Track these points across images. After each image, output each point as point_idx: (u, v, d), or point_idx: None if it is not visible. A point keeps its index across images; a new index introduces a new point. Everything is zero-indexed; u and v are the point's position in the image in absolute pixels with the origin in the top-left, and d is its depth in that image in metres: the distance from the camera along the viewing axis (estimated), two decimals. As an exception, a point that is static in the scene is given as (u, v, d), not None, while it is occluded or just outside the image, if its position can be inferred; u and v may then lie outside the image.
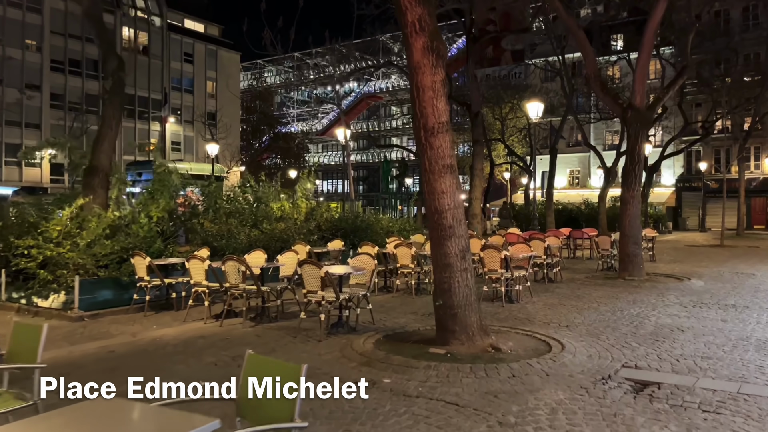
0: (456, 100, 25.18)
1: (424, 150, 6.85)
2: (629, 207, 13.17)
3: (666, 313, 9.32)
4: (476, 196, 22.12)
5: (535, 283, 12.84)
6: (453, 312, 6.90)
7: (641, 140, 13.05)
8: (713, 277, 13.62)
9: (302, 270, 7.85)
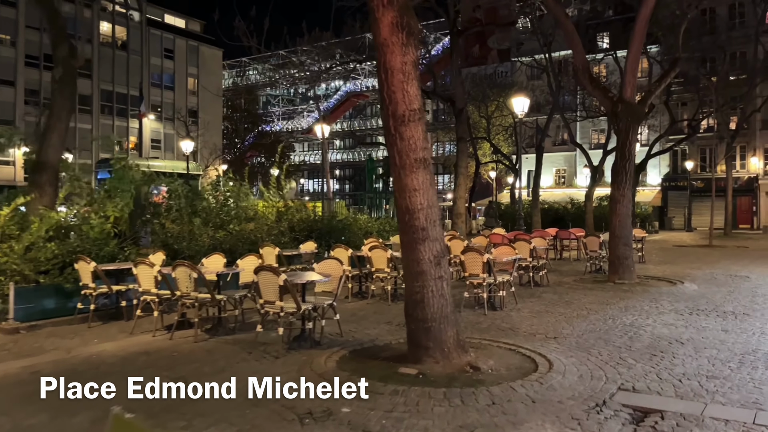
0: (440, 97, 24.36)
1: (393, 141, 5.98)
2: (619, 206, 12.40)
3: (661, 321, 8.53)
4: (461, 195, 21.30)
5: (520, 287, 12.03)
6: (426, 326, 6.04)
7: (632, 136, 12.29)
8: (707, 280, 12.89)
9: (258, 277, 6.95)
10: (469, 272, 9.41)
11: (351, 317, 9.13)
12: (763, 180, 42.18)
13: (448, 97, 22.61)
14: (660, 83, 12.81)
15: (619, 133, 12.53)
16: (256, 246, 11.76)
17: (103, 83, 44.06)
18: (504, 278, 9.57)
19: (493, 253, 10.40)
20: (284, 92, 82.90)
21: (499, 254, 10.18)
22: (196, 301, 7.63)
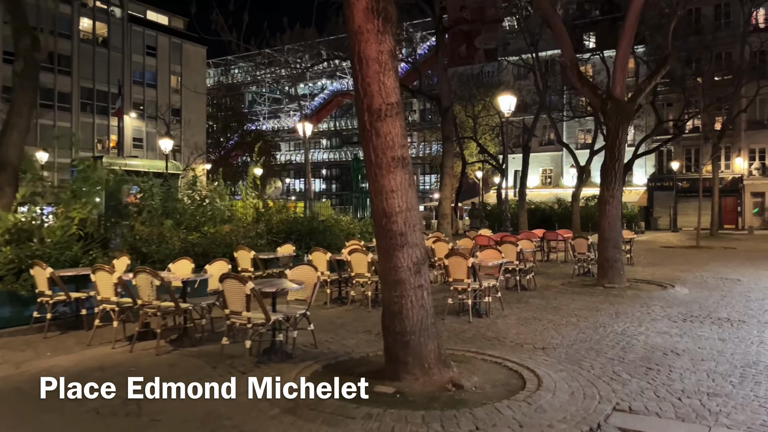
0: (426, 95, 23.88)
1: (369, 138, 5.45)
2: (609, 207, 11.97)
3: (655, 329, 8.08)
4: (447, 196, 20.86)
5: (507, 291, 11.58)
6: (405, 339, 5.53)
7: (621, 135, 11.87)
8: (697, 284, 12.51)
9: (224, 286, 6.39)
10: (453, 277, 8.91)
11: (328, 325, 8.60)
12: (747, 180, 42.23)
13: (434, 96, 22.13)
14: (650, 81, 12.41)
15: (608, 132, 12.10)
16: (232, 249, 11.20)
17: (83, 81, 43.11)
18: (490, 283, 9.09)
19: (478, 257, 9.93)
20: (270, 91, 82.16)
21: (484, 258, 9.70)
22: (158, 310, 7.05)
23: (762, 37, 34.00)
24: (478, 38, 57.30)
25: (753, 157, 42.36)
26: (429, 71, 46.83)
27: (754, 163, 42.28)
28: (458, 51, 61.05)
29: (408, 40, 33.23)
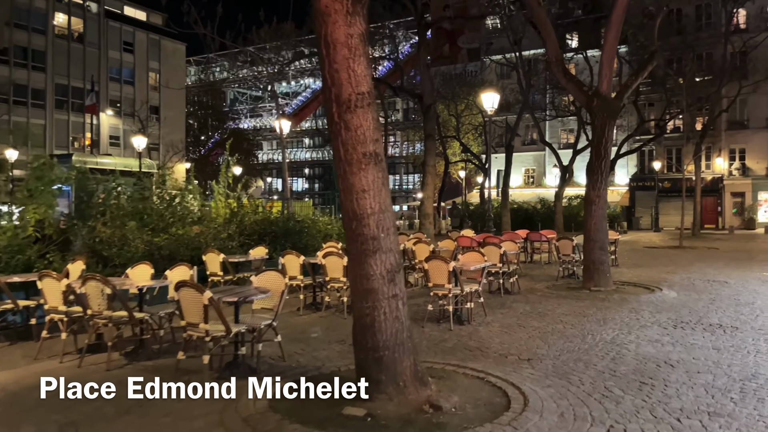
0: (408, 93, 23.36)
1: (337, 131, 4.89)
2: (595, 208, 11.53)
3: (645, 337, 7.62)
4: (429, 195, 20.35)
5: (490, 295, 11.08)
6: (378, 355, 4.98)
7: (608, 132, 11.43)
8: (685, 287, 12.12)
9: (179, 295, 5.79)
10: (433, 282, 8.38)
11: (300, 335, 8.03)
12: (728, 180, 42.34)
13: (416, 94, 21.62)
14: (636, 77, 12.01)
15: (594, 129, 11.67)
16: (201, 252, 10.57)
17: (58, 77, 41.93)
18: (472, 288, 8.58)
19: (459, 260, 9.42)
20: (252, 89, 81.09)
21: (466, 261, 9.19)
22: (109, 320, 6.42)
23: (744, 38, 34.00)
24: (462, 38, 57.01)
25: (733, 157, 42.49)
26: (412, 71, 46.38)
27: (734, 164, 42.42)
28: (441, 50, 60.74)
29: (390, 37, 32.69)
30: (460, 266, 8.68)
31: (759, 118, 40.83)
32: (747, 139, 41.27)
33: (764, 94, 38.79)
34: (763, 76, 35.95)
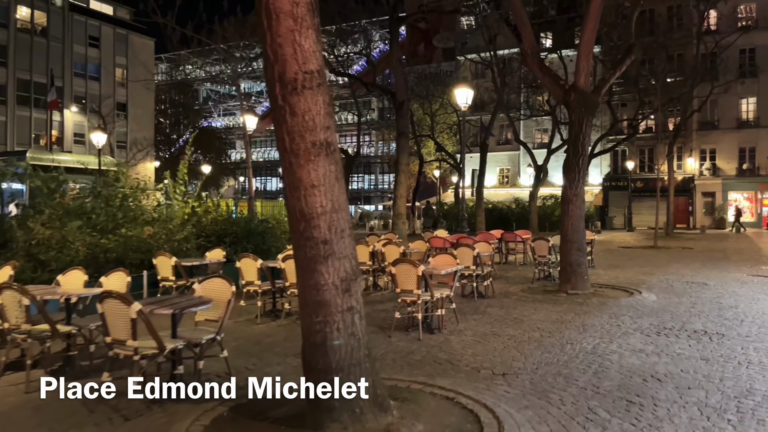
0: (380, 89, 22.67)
1: (281, 117, 4.16)
2: (572, 207, 10.98)
3: (628, 346, 7.04)
4: (402, 194, 19.66)
5: (463, 299, 10.46)
6: (329, 378, 4.26)
7: (586, 128, 10.89)
8: (664, 289, 11.64)
9: (103, 308, 4.99)
10: (401, 288, 7.69)
11: (254, 346, 7.27)
12: (699, 180, 42.57)
13: (389, 90, 20.94)
14: (615, 72, 11.50)
15: (571, 125, 11.12)
16: (152, 254, 9.73)
17: (20, 72, 40.25)
18: (443, 293, 7.91)
19: (430, 263, 8.75)
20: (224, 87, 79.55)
21: (437, 265, 8.52)
22: (28, 335, 5.59)
23: (716, 38, 34.09)
24: (437, 37, 56.64)
25: (704, 157, 42.73)
26: (387, 70, 45.73)
27: (705, 164, 42.67)
28: (416, 49, 60.26)
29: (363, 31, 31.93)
30: (431, 270, 8.01)
31: (729, 119, 41.13)
32: (717, 139, 41.53)
33: (734, 95, 39.10)
34: (733, 76, 36.18)
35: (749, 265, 16.21)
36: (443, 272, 7.92)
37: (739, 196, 42.03)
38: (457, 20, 54.79)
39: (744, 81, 38.84)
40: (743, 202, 41.93)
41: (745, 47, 39.06)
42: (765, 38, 39.11)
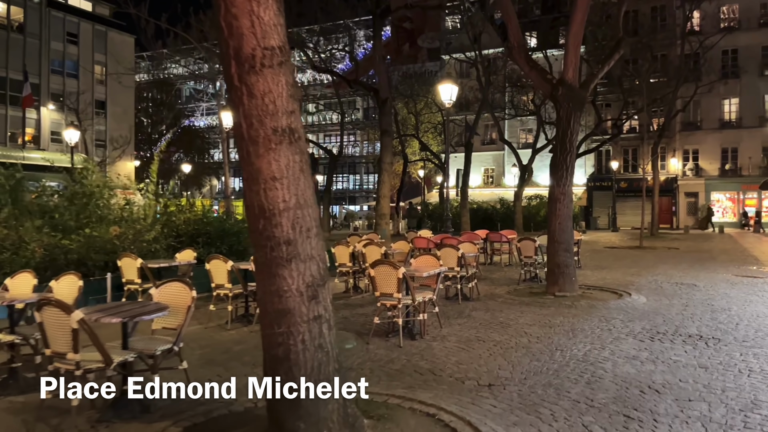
0: (363, 86, 22.15)
1: (238, 99, 3.64)
2: (559, 206, 10.55)
3: (621, 353, 6.60)
4: (385, 194, 19.17)
5: (447, 301, 10.00)
6: (294, 397, 3.74)
7: (574, 124, 10.47)
8: (653, 290, 11.26)
9: (41, 317, 4.43)
10: (380, 291, 7.19)
11: (222, 355, 6.73)
12: (682, 181, 42.60)
13: (372, 87, 20.43)
14: (604, 66, 11.10)
15: (558, 121, 10.69)
16: (117, 255, 9.13)
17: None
18: (425, 297, 7.43)
19: (412, 265, 8.26)
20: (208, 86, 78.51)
21: (419, 266, 8.03)
22: (-39, 347, 5.01)
23: (699, 39, 34.06)
24: (421, 37, 56.29)
25: (687, 157, 42.77)
26: (372, 71, 45.25)
27: (688, 164, 42.71)
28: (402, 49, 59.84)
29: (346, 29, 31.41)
30: (412, 272, 7.51)
31: (712, 120, 41.19)
32: (700, 140, 41.58)
33: (717, 95, 39.17)
34: (716, 77, 36.20)
35: (736, 265, 15.95)
36: (425, 274, 7.43)
37: (721, 197, 42.16)
38: (442, 20, 54.53)
39: (727, 81, 38.95)
40: (725, 202, 42.05)
41: (728, 48, 39.13)
42: (747, 39, 39.24)
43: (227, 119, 18.75)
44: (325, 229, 27.60)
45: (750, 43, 39.29)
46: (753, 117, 40.21)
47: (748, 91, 40.00)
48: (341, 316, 8.78)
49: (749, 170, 40.51)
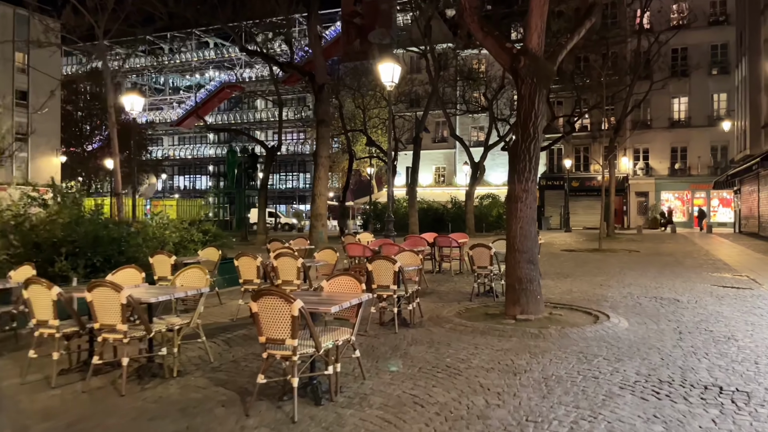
0: (297, 70, 19.54)
1: None
2: (521, 207, 8.32)
3: (623, 426, 4.35)
4: (321, 192, 16.67)
5: (380, 329, 7.64)
6: None
7: (539, 104, 8.26)
8: (632, 308, 9.19)
9: None
10: (266, 336, 4.73)
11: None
12: (632, 180, 41.70)
13: (306, 72, 17.88)
14: (573, 36, 8.98)
15: (520, 101, 8.45)
16: None
17: None
18: (338, 339, 5.02)
19: (324, 289, 5.83)
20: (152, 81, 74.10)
21: (333, 293, 5.62)
22: None
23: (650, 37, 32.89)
24: (372, 33, 54.02)
25: (637, 157, 41.90)
26: (330, 60, 42.58)
27: (639, 163, 41.83)
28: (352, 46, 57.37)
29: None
30: (319, 304, 5.08)
31: (662, 119, 40.39)
32: (650, 139, 40.73)
33: (667, 94, 38.30)
34: (667, 75, 35.21)
35: (708, 271, 14.20)
36: (334, 310, 4.97)
37: (670, 196, 41.44)
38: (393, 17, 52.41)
39: (679, 78, 38.14)
40: (675, 201, 41.37)
41: (678, 47, 38.32)
42: (697, 38, 38.53)
43: (138, 104, 15.84)
44: (261, 230, 24.85)
45: (700, 41, 38.59)
46: (702, 116, 39.59)
47: (698, 90, 39.36)
48: (229, 360, 6.27)
49: (698, 170, 39.89)
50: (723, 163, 38.76)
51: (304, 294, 5.83)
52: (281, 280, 8.16)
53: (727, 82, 38.53)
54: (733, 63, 38.35)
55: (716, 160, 39.50)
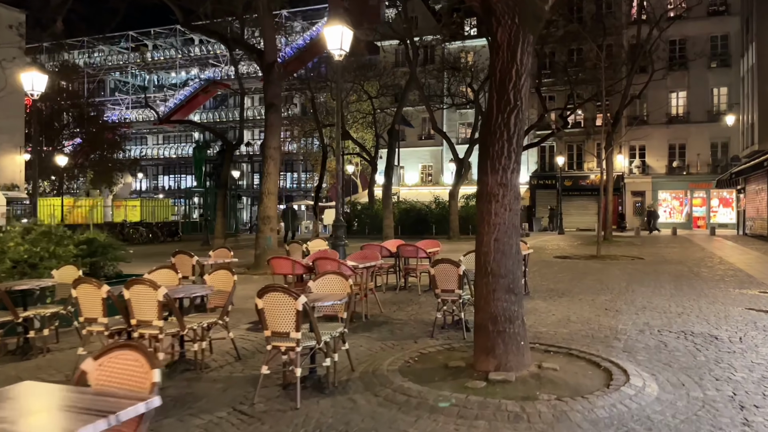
0: (243, 46, 16.66)
1: None
2: (496, 208, 5.50)
3: None
4: (270, 190, 13.83)
5: (281, 394, 4.78)
6: None
7: (521, 57, 5.45)
8: (656, 353, 6.39)
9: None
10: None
11: None
12: (628, 179, 39.01)
13: (255, 49, 15.02)
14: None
15: (494, 52, 5.61)
16: None
17: None
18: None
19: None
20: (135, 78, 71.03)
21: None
22: None
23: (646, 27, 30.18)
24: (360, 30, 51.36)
25: (633, 154, 39.20)
26: (315, 58, 39.74)
27: (635, 161, 39.13)
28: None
29: None
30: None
31: (659, 114, 37.67)
32: (647, 135, 37.99)
33: (664, 88, 35.64)
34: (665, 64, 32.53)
35: (732, 286, 11.44)
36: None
37: (668, 196, 38.80)
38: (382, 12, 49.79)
39: (675, 72, 35.46)
40: (672, 201, 38.75)
41: (675, 38, 35.64)
42: (696, 29, 35.85)
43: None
44: (219, 234, 21.99)
45: (699, 32, 35.91)
46: (701, 111, 36.93)
47: (697, 84, 36.70)
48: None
49: (697, 168, 37.23)
50: (723, 161, 36.12)
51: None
52: (135, 320, 5.30)
53: (728, 75, 35.90)
54: (734, 55, 35.73)
55: (716, 158, 36.87)
